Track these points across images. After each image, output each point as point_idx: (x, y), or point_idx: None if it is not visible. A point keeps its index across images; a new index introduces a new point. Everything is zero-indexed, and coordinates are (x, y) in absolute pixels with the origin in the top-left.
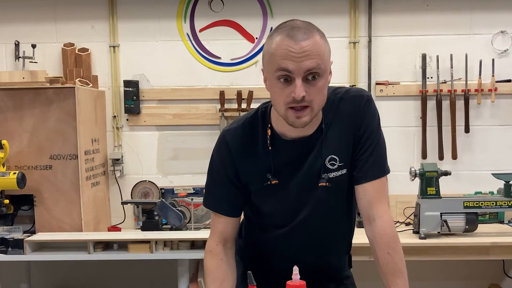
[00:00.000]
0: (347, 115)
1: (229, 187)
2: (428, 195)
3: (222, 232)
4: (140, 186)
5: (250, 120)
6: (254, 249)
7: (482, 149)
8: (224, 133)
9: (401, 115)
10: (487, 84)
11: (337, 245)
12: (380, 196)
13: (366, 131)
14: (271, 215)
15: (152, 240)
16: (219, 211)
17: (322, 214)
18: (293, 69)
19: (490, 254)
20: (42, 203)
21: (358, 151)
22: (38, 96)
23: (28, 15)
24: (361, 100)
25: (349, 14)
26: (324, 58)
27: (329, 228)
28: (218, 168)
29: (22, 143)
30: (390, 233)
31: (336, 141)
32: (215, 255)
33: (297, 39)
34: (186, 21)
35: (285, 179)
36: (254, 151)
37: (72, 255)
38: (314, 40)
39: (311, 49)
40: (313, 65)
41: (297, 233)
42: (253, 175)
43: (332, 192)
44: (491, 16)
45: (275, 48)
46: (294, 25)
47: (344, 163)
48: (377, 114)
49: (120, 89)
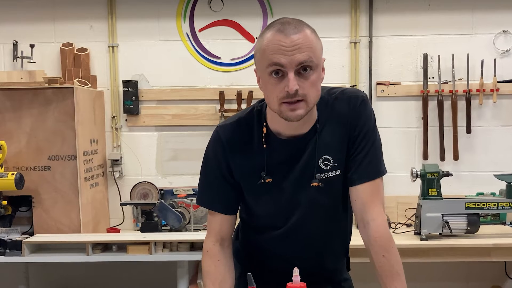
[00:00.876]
0: (342, 115)
1: (224, 184)
2: (430, 196)
3: (218, 231)
4: (139, 187)
5: (246, 117)
6: (251, 251)
7: (484, 149)
8: (218, 129)
9: (402, 115)
10: (489, 84)
11: (332, 247)
12: (374, 198)
13: (361, 132)
14: (266, 216)
15: (151, 241)
16: (214, 208)
17: (316, 215)
18: (285, 63)
19: (492, 255)
20: (40, 204)
21: (352, 152)
22: (36, 96)
23: (27, 14)
24: (356, 100)
25: (350, 14)
26: (315, 52)
27: (324, 229)
28: (211, 165)
29: (20, 143)
30: (384, 236)
31: (330, 141)
32: (212, 256)
33: (288, 33)
34: (186, 21)
35: (279, 177)
36: (249, 149)
37: (70, 256)
38: (305, 34)
39: (302, 42)
40: (305, 58)
41: (292, 235)
42: (247, 172)
43: (326, 192)
44: (493, 16)
45: (266, 44)
46: (284, 21)
47: (338, 164)
48: (373, 114)
49: (119, 90)
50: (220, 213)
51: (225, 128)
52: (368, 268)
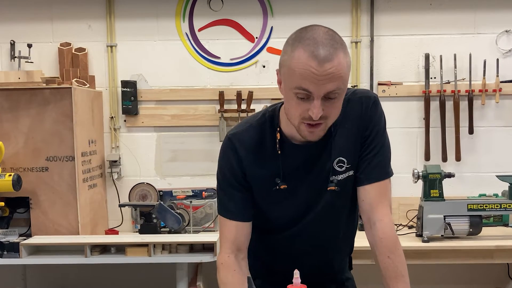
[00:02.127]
0: (354, 116)
1: (240, 191)
2: (431, 197)
3: (234, 241)
4: (138, 189)
5: (258, 123)
6: (256, 251)
7: (486, 150)
8: (231, 136)
9: (403, 116)
10: (491, 84)
11: (340, 246)
12: (381, 199)
13: (372, 132)
14: (276, 220)
15: (150, 243)
16: (229, 216)
17: (327, 217)
18: (313, 91)
19: (494, 257)
20: (38, 206)
21: (363, 152)
22: (34, 96)
23: (24, 14)
24: (368, 101)
25: (351, 13)
26: (345, 79)
27: (333, 229)
28: (226, 174)
29: (18, 144)
30: (391, 237)
31: (344, 142)
32: (227, 267)
33: (321, 61)
34: (185, 20)
35: (294, 183)
36: (262, 155)
37: (68, 258)
38: (338, 61)
39: (335, 72)
40: (334, 88)
41: (301, 236)
42: (261, 179)
43: (339, 194)
44: (496, 15)
45: (295, 65)
46: (318, 41)
47: (352, 165)
48: (384, 115)
49: (117, 90)
50: (236, 220)
51: (237, 135)
52: (369, 270)
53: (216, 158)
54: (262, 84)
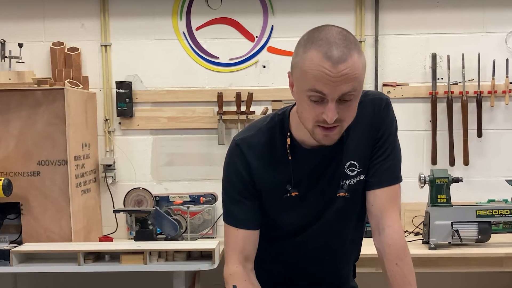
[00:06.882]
0: (366, 118)
1: (248, 199)
2: (438, 203)
3: (241, 251)
4: (133, 194)
5: (267, 127)
6: (261, 258)
7: (496, 154)
8: (239, 141)
9: (409, 118)
10: (501, 85)
11: (347, 253)
12: (391, 204)
13: (384, 135)
14: (283, 226)
15: (146, 250)
16: (238, 225)
17: (337, 223)
18: (328, 93)
19: (504, 265)
20: (29, 212)
21: (373, 155)
22: (25, 98)
23: (15, 12)
24: (380, 103)
25: (355, 11)
26: (361, 80)
27: (341, 236)
28: (234, 181)
29: (8, 148)
30: (400, 244)
31: (355, 145)
32: (237, 278)
33: (335, 62)
34: (182, 19)
35: (305, 189)
36: (272, 161)
37: (61, 266)
38: (353, 61)
39: (349, 73)
40: (349, 89)
41: (309, 242)
42: (271, 186)
43: (350, 200)
44: (505, 14)
45: (308, 66)
46: (331, 41)
47: (363, 169)
48: (395, 119)
49: (112, 91)
50: (245, 228)
51: (245, 140)
52: (374, 278)
53: (215, 162)
54: (262, 85)
